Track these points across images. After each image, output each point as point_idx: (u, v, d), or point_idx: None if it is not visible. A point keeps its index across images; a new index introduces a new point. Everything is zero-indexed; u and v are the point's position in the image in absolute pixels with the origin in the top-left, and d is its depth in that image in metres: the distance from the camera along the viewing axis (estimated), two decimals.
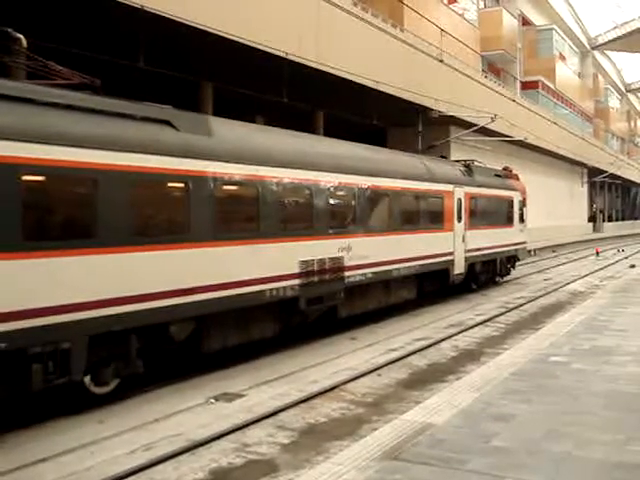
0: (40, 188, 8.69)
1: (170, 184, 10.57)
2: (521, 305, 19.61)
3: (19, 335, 7.94)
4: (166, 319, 10.05)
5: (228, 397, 10.09)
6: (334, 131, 20.21)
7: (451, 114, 28.91)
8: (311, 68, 19.69)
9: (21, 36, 10.00)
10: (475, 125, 29.83)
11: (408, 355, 12.81)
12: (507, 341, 14.14)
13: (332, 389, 10.43)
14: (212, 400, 9.94)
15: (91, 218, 9.05)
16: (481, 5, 47.63)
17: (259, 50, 17.31)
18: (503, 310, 18.55)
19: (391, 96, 24.44)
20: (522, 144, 39.28)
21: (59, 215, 9.02)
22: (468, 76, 33.68)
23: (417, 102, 26.64)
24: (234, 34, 16.36)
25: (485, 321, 16.75)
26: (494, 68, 49.99)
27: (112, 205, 9.23)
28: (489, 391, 7.83)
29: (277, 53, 17.97)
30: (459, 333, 15.12)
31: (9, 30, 9.96)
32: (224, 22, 16.13)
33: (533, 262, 33.59)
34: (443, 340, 14.31)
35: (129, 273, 9.45)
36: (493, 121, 28.38)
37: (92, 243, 8.95)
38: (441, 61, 29.43)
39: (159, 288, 9.83)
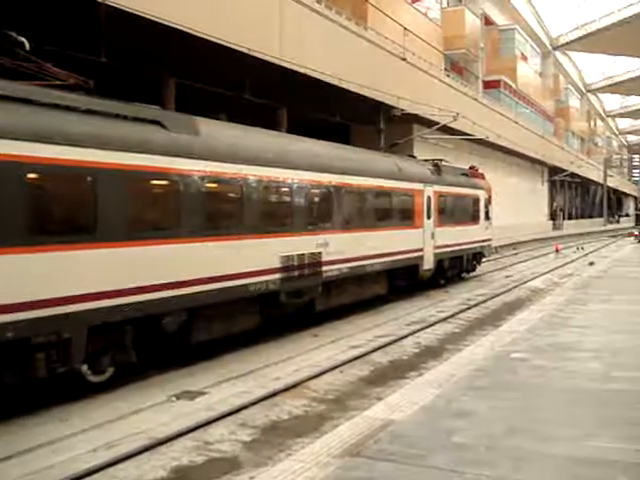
0: (42, 186, 9.04)
1: (162, 182, 10.99)
2: (482, 302, 19.78)
3: (24, 325, 8.35)
4: (160, 311, 10.52)
5: (190, 395, 10.03)
6: (298, 128, 20.16)
7: (414, 112, 29.05)
8: (274, 65, 19.63)
9: (24, 39, 10.05)
10: (438, 123, 30.00)
11: (370, 352, 12.85)
12: (468, 338, 14.25)
13: (295, 386, 10.42)
14: (174, 398, 9.88)
15: (90, 214, 9.48)
16: (444, 4, 47.93)
17: (222, 46, 17.20)
18: (465, 307, 18.70)
19: (354, 94, 24.45)
20: (484, 143, 39.66)
21: (60, 211, 9.48)
22: (431, 75, 33.88)
23: (380, 100, 26.70)
24: (197, 30, 16.21)
25: (447, 318, 16.87)
26: (457, 67, 50.31)
27: (110, 202, 9.66)
28: (450, 387, 7.88)
29: (240, 49, 17.86)
30: (421, 330, 15.20)
31: (12, 34, 10.06)
32: (187, 18, 15.98)
33: (494, 259, 33.92)
34: (405, 337, 14.38)
35: (126, 267, 9.93)
36: (455, 120, 28.57)
37: (92, 238, 9.40)
38: (404, 59, 29.52)
39: (153, 281, 10.32)
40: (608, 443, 5.99)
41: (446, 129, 31.61)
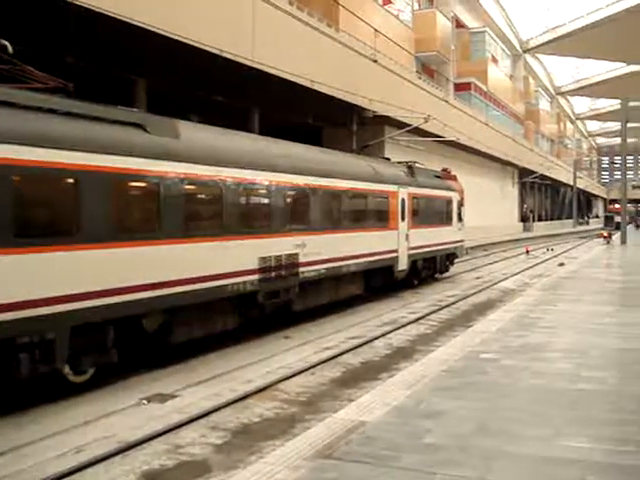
0: (27, 188, 9.11)
1: (144, 184, 11.06)
2: (453, 303, 19.89)
3: (8, 326, 8.44)
4: (140, 311, 10.68)
5: (161, 398, 9.96)
6: (270, 130, 20.14)
7: (386, 114, 29.15)
8: (246, 66, 19.59)
9: (7, 43, 9.96)
10: (409, 125, 30.13)
11: (342, 353, 12.85)
12: (439, 338, 14.31)
13: (266, 388, 10.39)
14: (144, 401, 9.80)
15: (74, 216, 9.58)
16: (416, 7, 48.13)
17: (193, 47, 17.13)
18: (436, 308, 18.77)
19: (326, 95, 24.50)
20: (455, 145, 39.89)
21: (44, 213, 9.58)
22: (402, 77, 34.00)
23: (352, 102, 26.78)
24: (168, 30, 16.13)
25: (418, 319, 16.92)
26: (428, 69, 50.60)
27: (93, 203, 9.79)
28: (421, 388, 7.89)
29: (211, 50, 17.81)
30: (393, 331, 15.24)
31: None
32: (157, 18, 15.89)
33: (465, 261, 34.09)
34: (377, 338, 14.40)
35: (108, 268, 10.04)
36: (426, 122, 28.71)
37: (75, 239, 9.50)
38: (375, 61, 29.61)
39: (134, 282, 10.44)
40: (578, 443, 6.03)
41: (417, 131, 31.75)
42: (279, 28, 21.77)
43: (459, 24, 59.16)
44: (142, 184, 11.05)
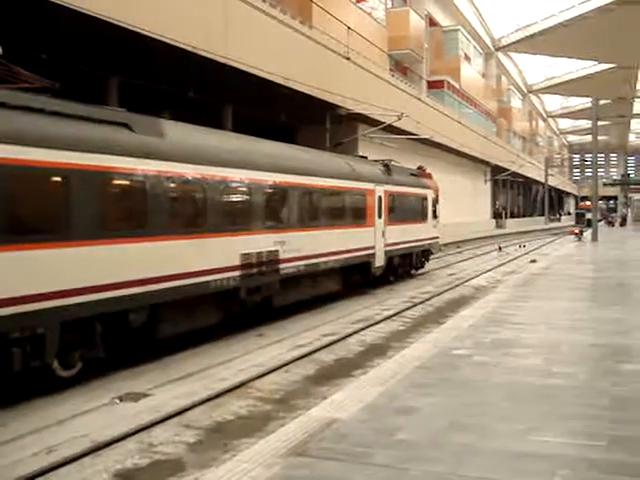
0: (19, 186, 9.28)
1: (129, 182, 11.35)
2: (427, 300, 19.98)
3: (1, 321, 8.69)
4: (126, 307, 10.92)
5: (133, 397, 9.91)
6: (243, 127, 20.07)
7: (359, 112, 29.20)
8: (219, 63, 19.51)
9: None
10: (383, 123, 30.20)
11: (315, 351, 12.87)
12: (413, 335, 14.39)
13: (240, 386, 10.38)
14: (117, 400, 9.75)
15: (62, 214, 9.83)
16: (389, 5, 48.23)
17: (165, 43, 17.03)
18: (409, 305, 18.86)
19: (300, 93, 24.48)
20: (428, 142, 40.01)
21: (34, 211, 9.74)
22: (375, 74, 34.06)
23: (325, 99, 26.78)
24: (139, 26, 16.03)
25: (392, 316, 16.99)
26: (401, 67, 50.68)
27: (80, 201, 10.04)
28: (394, 385, 7.92)
29: (184, 47, 17.72)
30: (366, 328, 15.29)
31: None
32: (129, 14, 15.79)
33: (438, 257, 34.25)
34: (350, 335, 14.44)
35: (95, 264, 10.30)
36: (400, 119, 28.84)
37: (64, 237, 9.75)
38: (348, 59, 29.63)
39: (120, 278, 10.71)
40: (549, 438, 6.09)
41: (391, 129, 31.84)
42: (252, 25, 21.70)
43: (432, 22, 59.39)
44: (128, 182, 11.32)
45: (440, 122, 44.69)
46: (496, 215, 74.06)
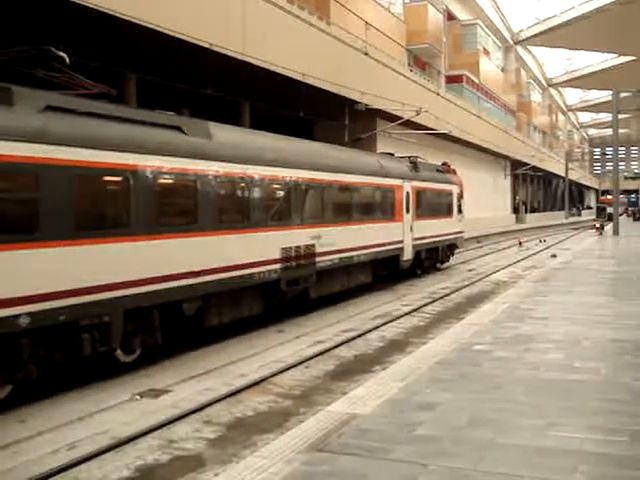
0: (88, 186, 10.07)
1: (182, 181, 12.06)
2: (446, 295, 19.92)
3: (74, 309, 9.43)
4: (180, 297, 11.62)
5: (154, 393, 9.96)
6: (261, 124, 20.10)
7: (377, 107, 29.12)
8: (237, 60, 19.53)
9: (64, 54, 10.76)
10: (401, 118, 30.11)
11: (335, 347, 12.86)
12: (432, 331, 14.34)
13: (260, 382, 10.39)
14: (137, 396, 9.79)
15: (125, 211, 10.60)
16: None
17: (183, 41, 17.08)
18: (429, 300, 18.81)
19: (318, 89, 24.47)
20: (447, 137, 39.89)
21: (101, 209, 10.55)
22: (394, 69, 33.97)
23: (343, 95, 26.75)
24: (158, 24, 16.09)
25: (411, 311, 16.95)
26: (419, 62, 50.50)
27: (140, 199, 10.78)
28: (414, 380, 7.90)
29: (202, 44, 17.76)
30: (386, 324, 15.26)
31: (52, 49, 10.80)
32: (148, 12, 15.84)
33: (458, 253, 33.99)
34: (370, 331, 14.42)
35: (153, 257, 11.04)
36: (418, 114, 28.76)
37: (126, 232, 10.53)
38: (366, 54, 29.57)
39: (175, 270, 11.45)
40: (570, 433, 6.05)
41: (409, 124, 31.73)
42: (270, 22, 21.73)
43: (450, 16, 59.03)
44: (182, 181, 12.04)
45: (459, 117, 44.50)
46: (516, 210, 73.65)
